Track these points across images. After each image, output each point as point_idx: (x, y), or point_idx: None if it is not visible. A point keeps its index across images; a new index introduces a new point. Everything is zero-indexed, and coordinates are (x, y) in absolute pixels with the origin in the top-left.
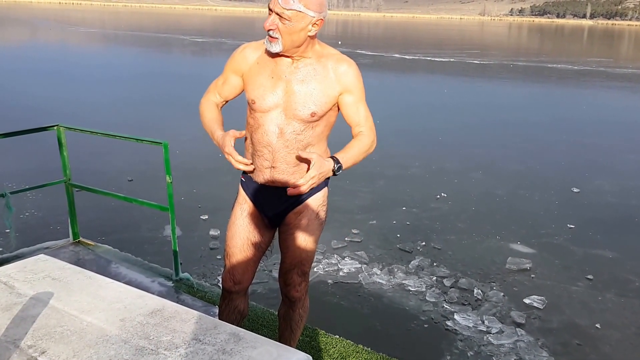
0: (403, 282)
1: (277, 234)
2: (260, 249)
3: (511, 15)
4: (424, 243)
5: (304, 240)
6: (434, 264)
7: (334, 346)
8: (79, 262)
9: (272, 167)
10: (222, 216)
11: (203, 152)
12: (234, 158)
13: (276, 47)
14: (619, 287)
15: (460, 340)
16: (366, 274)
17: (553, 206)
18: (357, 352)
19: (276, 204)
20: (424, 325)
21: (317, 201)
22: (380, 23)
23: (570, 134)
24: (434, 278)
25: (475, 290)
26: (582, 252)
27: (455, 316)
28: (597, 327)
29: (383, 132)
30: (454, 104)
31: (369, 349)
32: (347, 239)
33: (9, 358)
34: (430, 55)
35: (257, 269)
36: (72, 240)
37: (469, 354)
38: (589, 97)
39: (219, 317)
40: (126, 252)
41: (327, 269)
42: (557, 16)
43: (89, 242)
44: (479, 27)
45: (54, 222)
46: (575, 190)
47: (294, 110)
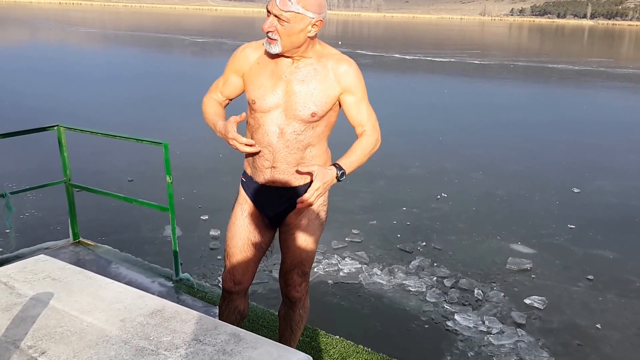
0: (403, 282)
1: (277, 234)
2: (261, 249)
3: (512, 15)
4: (424, 243)
5: (305, 240)
6: (435, 264)
7: (334, 346)
8: (79, 263)
9: (273, 167)
10: (223, 216)
11: (203, 152)
12: (238, 141)
13: (275, 49)
14: (620, 287)
15: (460, 340)
16: (366, 274)
17: (553, 206)
18: (358, 353)
19: (276, 204)
20: (424, 325)
21: (317, 202)
22: (380, 23)
23: (571, 134)
24: (435, 278)
25: (475, 291)
26: (582, 253)
27: (456, 316)
28: (597, 327)
29: (383, 132)
30: (454, 104)
31: (369, 349)
32: (347, 239)
33: (9, 358)
34: (430, 55)
35: (258, 269)
36: (72, 240)
37: (469, 355)
38: (590, 97)
39: (219, 318)
40: (126, 253)
41: (327, 269)
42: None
43: (89, 243)
44: (480, 27)
45: (54, 223)
46: (575, 190)
47: (294, 110)
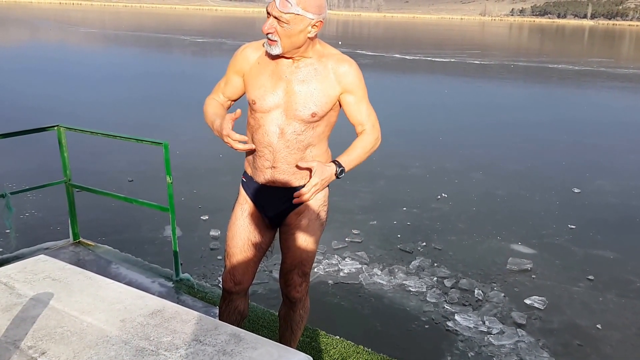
0: (404, 282)
1: (277, 234)
2: (261, 250)
3: (512, 15)
4: (424, 243)
5: (305, 240)
6: (435, 264)
7: (335, 347)
8: (79, 263)
9: (273, 168)
10: (223, 216)
11: (203, 152)
12: (231, 137)
13: (275, 50)
14: (620, 287)
15: (460, 341)
16: (367, 274)
17: (554, 206)
18: (358, 353)
19: (277, 204)
20: (424, 325)
21: (317, 202)
22: (380, 23)
23: (571, 134)
24: (435, 278)
25: (476, 291)
26: (583, 253)
27: (456, 317)
28: (598, 327)
29: (383, 132)
30: (454, 104)
31: (369, 349)
32: (347, 239)
33: (9, 359)
34: (430, 55)
35: (258, 269)
36: (72, 240)
37: (469, 355)
38: (590, 97)
39: (219, 318)
40: (126, 253)
41: (327, 270)
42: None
43: (89, 243)
44: (480, 27)
45: (54, 223)
46: (576, 190)
47: (294, 110)
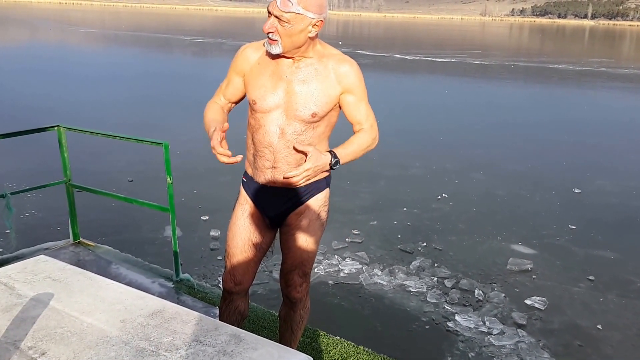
0: (404, 283)
1: (278, 234)
2: (261, 250)
3: (512, 15)
4: (424, 244)
5: (305, 241)
6: (435, 264)
7: (335, 347)
8: (79, 263)
9: (273, 168)
10: (223, 217)
11: (203, 153)
12: (216, 151)
13: (276, 49)
14: (621, 288)
15: (461, 341)
16: (367, 274)
17: (554, 207)
18: (358, 354)
19: (277, 204)
20: (425, 326)
21: (318, 202)
22: (381, 23)
23: (572, 135)
24: (435, 279)
25: (476, 291)
26: (583, 253)
27: (456, 317)
28: (598, 328)
29: (383, 132)
30: (454, 105)
31: (369, 350)
32: (347, 239)
33: (9, 359)
34: (431, 55)
35: (258, 269)
36: (73, 240)
37: (470, 355)
38: (590, 97)
39: (219, 318)
40: (126, 253)
41: (327, 270)
42: (559, 16)
43: (89, 243)
44: (480, 27)
45: (54, 223)
46: (576, 190)
47: (294, 110)
